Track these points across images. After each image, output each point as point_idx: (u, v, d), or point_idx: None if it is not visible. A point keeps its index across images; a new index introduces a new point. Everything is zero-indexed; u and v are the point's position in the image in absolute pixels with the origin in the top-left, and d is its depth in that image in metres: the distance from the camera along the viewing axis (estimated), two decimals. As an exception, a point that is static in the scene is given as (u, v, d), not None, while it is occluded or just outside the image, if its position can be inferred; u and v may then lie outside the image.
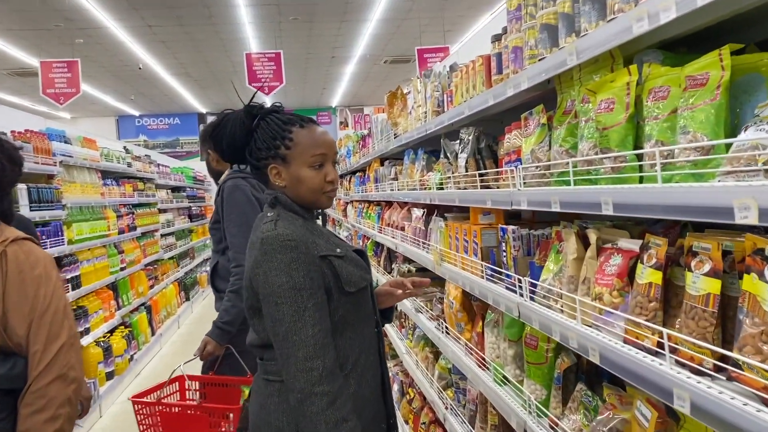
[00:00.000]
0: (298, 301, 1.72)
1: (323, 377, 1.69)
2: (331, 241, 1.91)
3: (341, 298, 1.84)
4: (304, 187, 1.90)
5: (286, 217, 1.87)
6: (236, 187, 3.16)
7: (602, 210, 1.57)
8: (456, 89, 2.93)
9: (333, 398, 1.69)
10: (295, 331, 1.70)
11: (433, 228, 3.72)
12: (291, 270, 1.73)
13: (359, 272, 1.91)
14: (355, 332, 1.90)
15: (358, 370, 1.87)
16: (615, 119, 1.56)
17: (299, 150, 1.88)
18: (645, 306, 1.49)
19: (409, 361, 4.50)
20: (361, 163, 7.00)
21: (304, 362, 1.69)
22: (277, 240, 1.76)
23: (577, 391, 2.04)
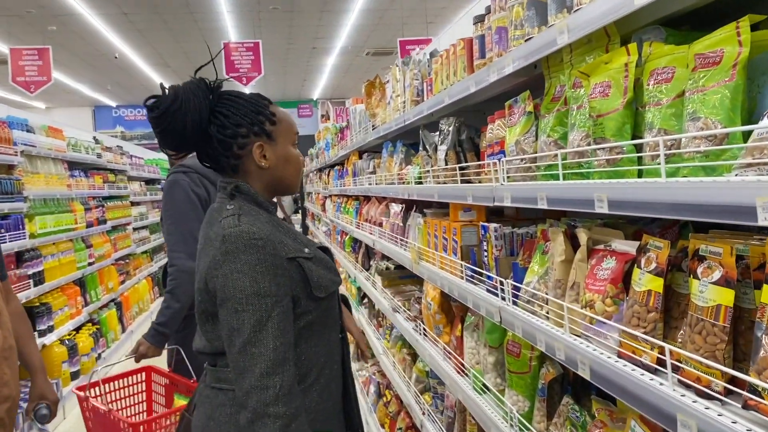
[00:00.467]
0: (261, 310, 1.53)
1: (279, 397, 1.50)
2: (298, 240, 1.72)
3: (309, 304, 1.66)
4: (291, 168, 1.77)
5: (249, 210, 1.67)
6: (175, 182, 2.96)
7: (595, 207, 1.39)
8: (436, 76, 2.74)
9: (288, 421, 1.50)
10: (255, 343, 1.51)
11: (411, 224, 3.54)
12: (256, 273, 1.54)
13: (329, 275, 1.73)
14: (321, 339, 1.73)
15: (322, 381, 1.72)
16: (611, 105, 1.38)
17: (283, 126, 1.75)
18: (643, 316, 1.32)
19: (387, 362, 4.32)
20: (339, 156, 6.80)
21: (261, 379, 1.50)
22: (241, 238, 1.56)
23: (563, 405, 1.87)
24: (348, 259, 6.14)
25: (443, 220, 2.84)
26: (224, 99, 1.72)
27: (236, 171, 1.74)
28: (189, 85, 1.68)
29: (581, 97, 1.54)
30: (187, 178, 2.98)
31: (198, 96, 1.66)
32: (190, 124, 1.64)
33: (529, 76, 2.00)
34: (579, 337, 1.59)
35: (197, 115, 1.65)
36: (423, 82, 3.22)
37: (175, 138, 1.68)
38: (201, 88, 1.68)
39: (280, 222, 1.73)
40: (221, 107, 1.70)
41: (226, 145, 1.69)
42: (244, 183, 1.73)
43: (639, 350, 1.31)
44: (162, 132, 1.67)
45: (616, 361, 1.39)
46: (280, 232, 1.67)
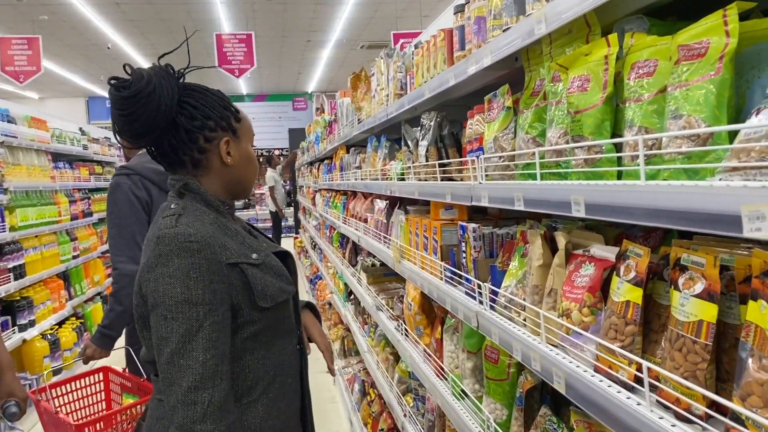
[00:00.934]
0: (191, 319, 1.41)
1: (208, 414, 1.38)
2: (246, 244, 1.59)
3: (253, 314, 1.54)
4: (251, 169, 1.71)
5: (194, 210, 1.56)
6: (117, 185, 2.92)
7: (572, 210, 1.29)
8: (417, 68, 2.64)
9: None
10: (183, 354, 1.40)
11: (394, 221, 3.44)
12: (189, 279, 1.42)
13: (278, 283, 1.60)
14: (270, 351, 1.61)
15: (269, 396, 1.59)
16: (590, 100, 1.28)
17: (245, 125, 1.69)
18: (621, 329, 1.22)
19: (370, 361, 4.23)
20: (328, 150, 6.69)
21: (188, 393, 1.38)
22: (175, 240, 1.44)
23: (540, 416, 1.77)
24: (336, 255, 6.05)
25: (425, 218, 2.74)
26: (191, 90, 1.61)
27: (198, 166, 1.63)
28: (158, 69, 1.56)
29: (560, 91, 1.44)
30: (129, 180, 2.93)
31: (169, 82, 1.55)
32: (163, 109, 1.52)
33: (510, 68, 1.90)
34: (555, 348, 1.49)
35: (169, 100, 1.53)
36: (407, 74, 3.11)
37: (143, 124, 1.52)
38: (170, 75, 1.57)
39: (229, 224, 1.62)
40: (188, 98, 1.59)
41: (193, 137, 1.58)
42: (194, 181, 1.62)
43: (616, 365, 1.21)
44: (129, 115, 1.51)
45: (592, 375, 1.29)
46: (225, 235, 1.55)
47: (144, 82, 1.50)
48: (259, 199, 17.96)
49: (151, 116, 1.51)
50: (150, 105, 1.51)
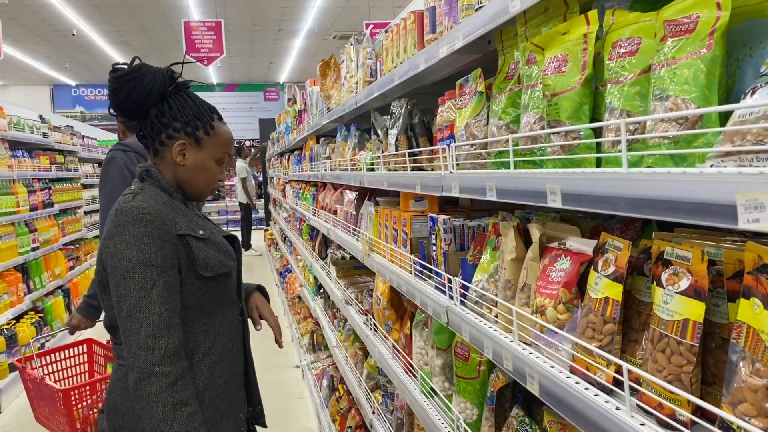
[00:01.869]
0: (146, 277, 1.64)
1: (165, 357, 1.61)
2: (194, 222, 1.81)
3: (195, 282, 1.75)
4: (203, 177, 1.87)
5: (150, 192, 1.78)
6: (111, 159, 3.06)
7: (548, 201, 1.20)
8: (386, 53, 2.53)
9: (173, 380, 1.61)
10: (140, 308, 1.63)
11: (364, 213, 3.34)
12: (143, 244, 1.65)
13: (220, 257, 1.81)
14: (211, 319, 1.82)
15: (211, 358, 1.80)
16: (567, 82, 1.19)
17: (216, 141, 1.86)
18: (599, 327, 1.14)
19: (339, 356, 4.14)
20: (297, 141, 6.55)
21: (146, 340, 1.61)
22: (131, 212, 1.68)
23: (512, 417, 1.69)
24: (306, 247, 5.92)
25: (394, 210, 2.65)
26: (178, 94, 1.85)
27: (156, 155, 1.86)
28: (156, 68, 1.82)
29: (535, 74, 1.35)
30: (125, 156, 3.06)
31: (156, 80, 1.79)
32: (133, 97, 1.77)
33: (484, 52, 1.81)
34: (529, 346, 1.41)
35: (144, 93, 1.77)
36: (377, 61, 3.01)
37: (122, 103, 1.79)
38: (163, 75, 1.81)
39: (179, 206, 1.82)
40: (171, 99, 1.83)
41: (156, 130, 1.82)
42: (155, 168, 1.85)
43: (593, 366, 1.13)
44: (112, 92, 1.78)
45: (567, 377, 1.21)
46: (176, 213, 1.77)
47: (132, 70, 1.77)
48: (229, 191, 17.71)
49: (123, 98, 1.78)
50: (124, 89, 1.76)
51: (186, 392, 1.64)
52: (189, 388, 1.65)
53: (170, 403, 1.60)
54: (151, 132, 1.82)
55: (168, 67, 1.84)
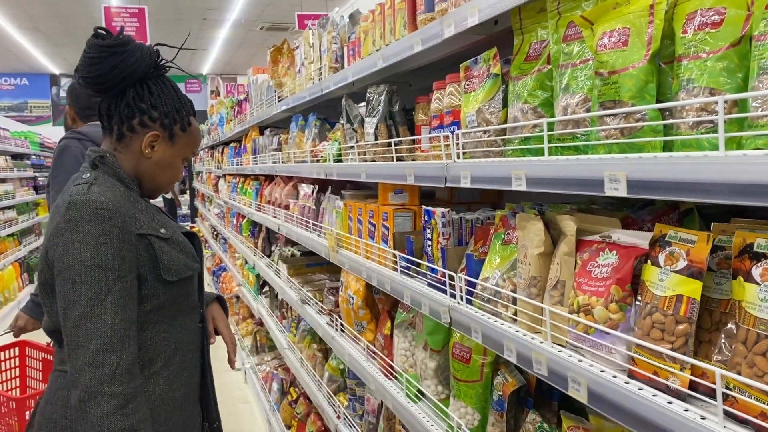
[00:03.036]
0: (101, 283, 1.44)
1: (116, 375, 1.42)
2: (155, 219, 1.63)
3: (157, 287, 1.57)
4: (167, 174, 1.72)
5: (105, 182, 1.57)
6: (66, 147, 2.84)
7: (606, 189, 1.09)
8: (365, 36, 2.38)
9: (124, 402, 1.42)
10: (91, 318, 1.42)
11: (326, 208, 3.17)
12: (99, 244, 1.45)
13: (184, 259, 1.64)
14: (172, 326, 1.65)
15: (170, 369, 1.64)
16: (631, 58, 1.09)
17: (188, 140, 1.72)
18: (669, 328, 1.04)
19: (292, 358, 3.95)
20: (236, 132, 6.27)
21: (96, 355, 1.41)
22: (87, 206, 1.46)
23: (528, 422, 1.59)
24: (246, 245, 5.67)
25: (369, 204, 2.50)
26: (160, 78, 1.69)
27: (120, 140, 1.66)
28: (143, 46, 1.66)
29: (576, 52, 1.24)
30: (80, 145, 2.86)
31: (143, 59, 1.62)
32: (116, 72, 1.58)
33: (489, 33, 1.69)
34: (564, 348, 1.30)
35: (129, 71, 1.60)
36: (343, 46, 2.84)
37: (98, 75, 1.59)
38: (150, 56, 1.65)
39: (138, 199, 1.64)
40: (153, 83, 1.66)
41: (130, 113, 1.63)
42: (111, 155, 1.64)
43: (664, 371, 1.03)
44: (90, 59, 1.58)
45: (626, 382, 1.11)
46: (135, 208, 1.58)
47: (121, 43, 1.58)
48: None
49: (111, 73, 1.58)
50: (108, 61, 1.57)
51: (136, 416, 1.44)
52: (141, 410, 1.46)
53: (117, 428, 1.41)
54: (124, 115, 1.62)
55: (153, 47, 1.69)
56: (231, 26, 14.76)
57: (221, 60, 18.86)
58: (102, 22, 10.62)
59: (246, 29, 15.00)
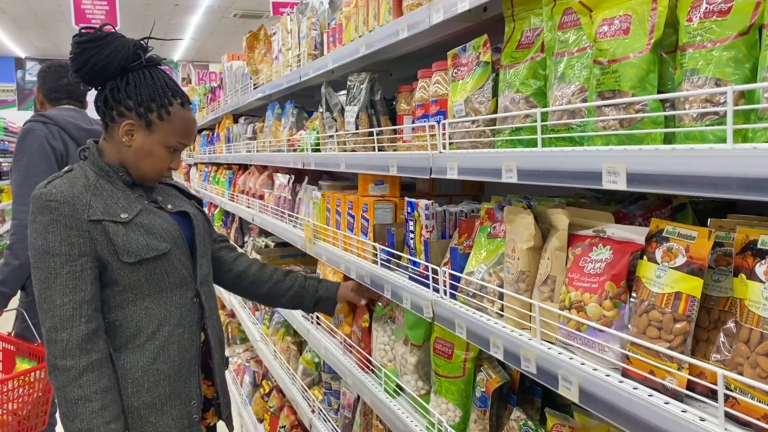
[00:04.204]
0: (49, 268, 1.60)
1: (67, 351, 1.58)
2: (119, 204, 1.70)
3: (123, 268, 1.67)
4: (148, 163, 1.76)
5: (76, 174, 1.70)
6: (30, 131, 2.79)
7: (603, 182, 1.06)
8: (347, 22, 2.31)
9: (77, 374, 1.57)
10: (45, 299, 1.60)
11: (303, 198, 3.10)
12: (48, 233, 1.60)
13: (147, 240, 1.69)
14: (155, 302, 1.73)
15: (155, 343, 1.72)
16: (631, 47, 1.05)
17: (169, 128, 1.74)
18: (667, 326, 1.01)
19: (265, 350, 3.88)
20: (208, 120, 6.15)
21: (49, 332, 1.60)
22: (40, 199, 1.63)
23: (513, 420, 1.56)
24: (218, 234, 5.57)
25: (348, 195, 2.44)
26: (141, 70, 1.74)
27: (107, 129, 1.77)
28: (123, 39, 1.72)
29: (575, 40, 1.20)
30: (45, 128, 2.82)
31: (118, 52, 1.69)
32: (90, 65, 1.69)
33: (478, 20, 1.65)
34: (554, 345, 1.27)
35: (103, 64, 1.69)
36: (322, 33, 2.78)
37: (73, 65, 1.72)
38: (128, 49, 1.71)
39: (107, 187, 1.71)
40: (132, 75, 1.73)
41: (109, 104, 1.73)
42: (95, 147, 1.77)
43: (660, 370, 1.00)
44: (72, 55, 1.70)
45: (620, 381, 1.08)
46: (96, 196, 1.67)
47: (96, 38, 1.69)
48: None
49: (86, 67, 1.70)
50: (83, 55, 1.68)
51: (93, 386, 1.59)
52: (100, 381, 1.60)
53: (72, 398, 1.57)
54: (104, 106, 1.74)
55: (137, 41, 1.75)
56: (203, 12, 14.50)
57: (193, 47, 18.54)
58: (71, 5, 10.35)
59: (219, 16, 14.76)
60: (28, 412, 2.45)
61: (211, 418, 1.96)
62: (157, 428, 1.71)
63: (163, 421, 1.72)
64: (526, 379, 1.72)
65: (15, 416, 2.42)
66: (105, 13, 10.70)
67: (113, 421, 1.61)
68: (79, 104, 3.10)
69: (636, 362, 1.05)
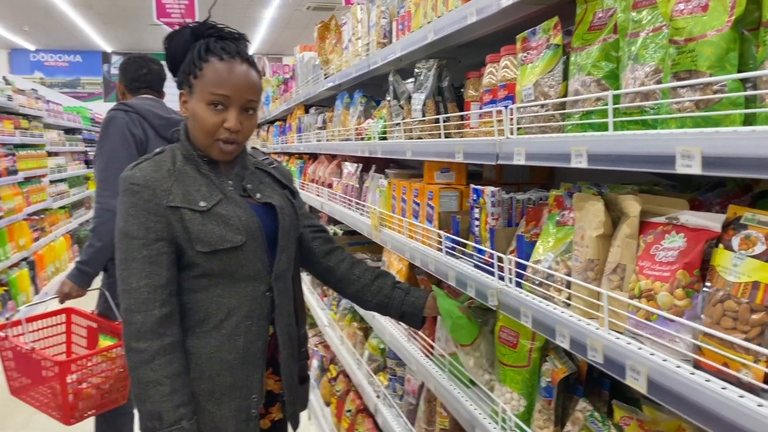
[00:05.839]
0: (128, 250, 1.63)
1: (140, 333, 1.60)
2: (200, 192, 1.69)
3: (196, 256, 1.66)
4: (197, 127, 1.71)
5: (162, 158, 1.72)
6: (112, 119, 2.90)
7: (676, 166, 1.01)
8: (416, 9, 2.31)
9: (149, 357, 1.60)
10: (123, 280, 1.64)
11: (370, 186, 3.13)
12: (128, 215, 1.64)
13: (221, 231, 1.66)
14: (227, 291, 1.72)
15: (222, 332, 1.71)
16: (710, 24, 1.00)
17: (203, 83, 1.69)
18: (743, 317, 0.97)
19: (332, 335, 3.95)
20: (281, 111, 6.26)
21: (125, 314, 1.63)
22: (125, 182, 1.67)
23: (579, 411, 1.53)
24: (289, 223, 5.68)
25: (414, 182, 2.45)
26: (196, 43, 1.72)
27: None
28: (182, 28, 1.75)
29: (650, 19, 1.15)
30: (127, 117, 2.94)
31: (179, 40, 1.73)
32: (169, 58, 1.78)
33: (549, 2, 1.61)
34: (622, 335, 1.23)
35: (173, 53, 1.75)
36: (391, 21, 2.78)
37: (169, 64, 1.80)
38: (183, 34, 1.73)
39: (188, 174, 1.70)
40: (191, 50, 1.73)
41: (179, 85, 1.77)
42: (184, 128, 1.77)
43: (735, 362, 0.96)
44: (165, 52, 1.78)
45: (691, 373, 1.04)
46: (178, 182, 1.67)
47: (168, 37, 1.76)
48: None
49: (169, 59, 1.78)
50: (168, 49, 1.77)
51: (165, 370, 1.60)
52: (171, 365, 1.61)
53: (144, 380, 1.60)
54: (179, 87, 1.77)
55: (195, 23, 1.75)
56: (278, 6, 14.76)
57: (267, 40, 18.92)
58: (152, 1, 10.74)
59: (293, 8, 14.99)
60: (110, 387, 2.58)
61: (276, 413, 1.91)
62: (213, 417, 1.70)
63: (221, 412, 1.70)
64: (594, 371, 1.68)
65: (98, 390, 2.55)
66: (184, 8, 11.04)
67: (182, 405, 1.62)
68: (157, 94, 3.23)
69: (709, 353, 1.01)
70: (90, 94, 20.30)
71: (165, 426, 1.59)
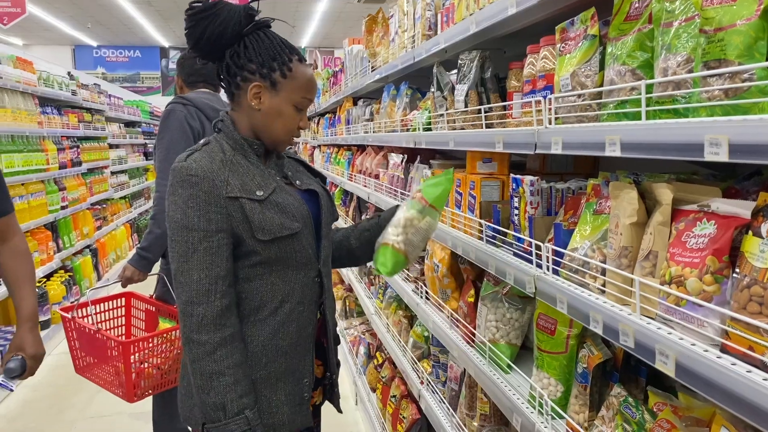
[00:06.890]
0: (188, 242, 1.61)
1: (202, 326, 1.59)
2: (255, 181, 1.69)
3: (255, 244, 1.66)
4: (280, 123, 1.74)
5: (212, 148, 1.71)
6: (171, 111, 3.03)
7: (705, 154, 1.03)
8: (459, 1, 2.34)
9: (211, 349, 1.59)
10: (182, 272, 1.61)
11: (414, 177, 3.18)
12: (187, 207, 1.61)
13: (280, 219, 1.68)
14: (281, 279, 1.73)
15: (277, 319, 1.72)
16: (739, 14, 1.01)
17: (294, 84, 1.73)
18: (768, 302, 0.98)
19: (378, 323, 4.02)
20: (330, 103, 6.36)
21: (186, 306, 1.61)
22: (180, 173, 1.63)
23: (613, 396, 1.55)
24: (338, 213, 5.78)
25: (457, 172, 2.48)
26: (256, 33, 1.72)
27: (233, 100, 1.78)
28: (232, 5, 1.69)
29: (681, 10, 1.17)
30: (185, 110, 3.04)
31: (231, 17, 1.67)
32: (207, 36, 1.68)
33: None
34: (653, 320, 1.25)
35: (219, 32, 1.67)
36: (437, 13, 2.82)
37: (190, 40, 1.71)
38: (239, 13, 1.69)
39: (242, 162, 1.71)
40: (248, 39, 1.71)
41: (231, 72, 1.73)
42: (229, 119, 1.77)
43: (760, 346, 0.98)
44: (186, 30, 1.70)
45: (718, 356, 1.06)
46: (233, 172, 1.67)
47: (207, 7, 1.67)
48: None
49: (203, 39, 1.68)
50: (198, 27, 1.67)
51: (226, 361, 1.61)
52: (233, 356, 1.62)
53: (207, 372, 1.60)
54: (227, 75, 1.73)
55: (246, 4, 1.70)
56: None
57: (319, 33, 19.10)
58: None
59: (344, 2, 15.09)
60: (169, 367, 2.69)
61: (317, 397, 1.94)
62: (270, 403, 1.72)
63: (276, 397, 1.73)
64: (631, 358, 1.70)
65: (158, 370, 2.66)
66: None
67: (245, 395, 1.63)
68: (213, 88, 3.34)
69: (735, 338, 1.03)
70: (149, 88, 20.92)
71: (229, 416, 1.60)
